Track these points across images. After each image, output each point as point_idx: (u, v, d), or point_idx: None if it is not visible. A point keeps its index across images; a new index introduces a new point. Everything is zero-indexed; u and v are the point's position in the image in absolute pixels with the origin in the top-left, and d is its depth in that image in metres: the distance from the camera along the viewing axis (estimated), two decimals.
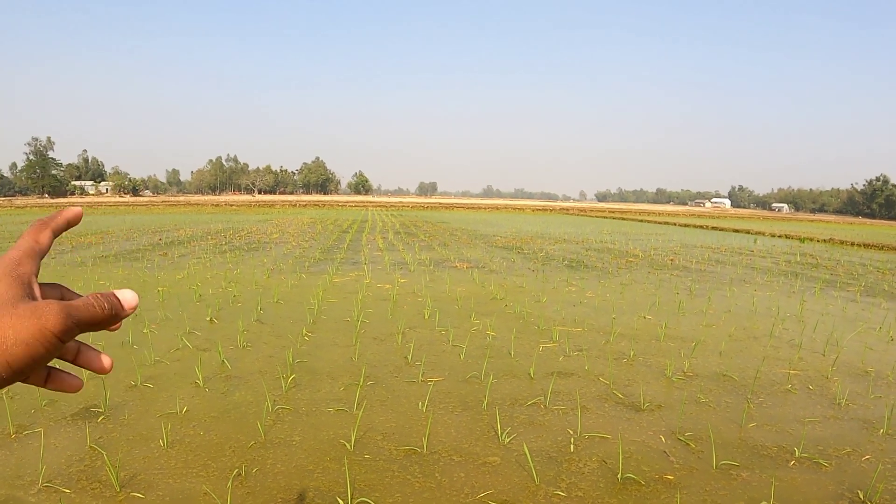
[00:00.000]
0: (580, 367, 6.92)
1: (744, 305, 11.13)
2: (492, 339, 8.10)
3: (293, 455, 4.60)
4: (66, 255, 17.38)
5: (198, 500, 3.94)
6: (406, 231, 31.82)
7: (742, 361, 7.33)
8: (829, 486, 4.28)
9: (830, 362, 7.34)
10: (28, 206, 74.35)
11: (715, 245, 26.97)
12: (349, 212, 66.39)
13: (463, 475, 4.34)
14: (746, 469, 4.52)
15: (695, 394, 6.14)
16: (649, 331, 8.85)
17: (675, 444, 4.92)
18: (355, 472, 4.33)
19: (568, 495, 4.08)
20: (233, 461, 4.49)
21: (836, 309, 11.06)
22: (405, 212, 69.75)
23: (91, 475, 4.24)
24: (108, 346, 7.39)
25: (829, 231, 46.53)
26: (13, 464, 4.36)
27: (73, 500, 3.90)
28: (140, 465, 4.41)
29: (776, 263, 19.21)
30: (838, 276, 16.50)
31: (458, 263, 16.94)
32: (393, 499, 4.01)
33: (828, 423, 5.48)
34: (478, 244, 24.15)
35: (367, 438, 4.91)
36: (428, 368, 6.76)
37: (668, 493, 4.14)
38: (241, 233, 28.09)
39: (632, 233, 35.85)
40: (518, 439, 4.94)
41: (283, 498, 3.98)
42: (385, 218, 49.62)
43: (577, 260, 18.64)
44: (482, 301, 10.95)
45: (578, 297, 11.70)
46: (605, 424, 5.31)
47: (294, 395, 5.85)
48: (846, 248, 28.82)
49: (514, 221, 49.51)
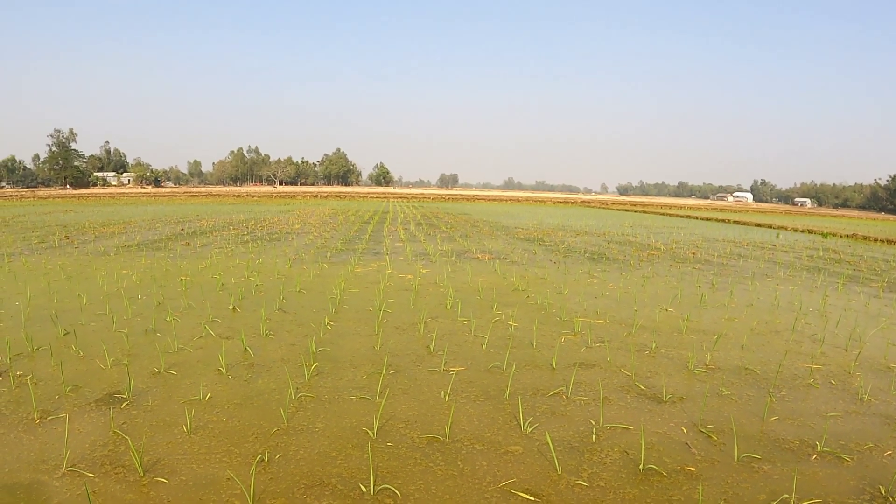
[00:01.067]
0: (602, 359, 6.92)
1: (766, 300, 11.08)
2: (514, 330, 8.11)
3: (316, 442, 4.63)
4: (89, 245, 17.52)
5: (221, 485, 3.97)
6: (427, 222, 31.82)
7: (764, 355, 7.30)
8: (850, 481, 4.27)
9: (853, 357, 7.30)
10: (51, 196, 74.82)
11: (737, 239, 26.81)
12: (370, 203, 66.50)
13: (485, 463, 4.36)
14: (768, 462, 4.51)
15: (717, 387, 6.12)
16: (671, 323, 8.83)
17: (697, 437, 4.91)
18: (378, 460, 4.36)
19: (590, 485, 4.09)
20: (256, 447, 4.52)
21: (858, 304, 10.98)
22: (426, 203, 69.77)
23: (115, 460, 4.29)
24: (131, 333, 7.46)
25: (852, 226, 46.13)
26: (37, 448, 4.41)
27: (97, 484, 3.94)
28: (163, 450, 4.45)
29: (798, 258, 19.09)
30: (861, 271, 16.37)
31: (479, 254, 16.95)
32: (415, 486, 4.03)
33: (850, 418, 5.46)
34: (499, 236, 24.13)
35: (389, 426, 4.94)
36: (450, 358, 6.78)
37: (689, 484, 4.14)
38: (262, 223, 28.20)
39: (653, 226, 35.69)
40: (540, 429, 4.95)
41: (305, 484, 4.01)
42: (406, 209, 49.64)
43: (599, 252, 18.60)
44: (504, 292, 10.96)
45: (600, 289, 11.69)
46: (627, 415, 5.31)
47: (316, 383, 5.89)
48: (869, 243, 28.56)
49: (536, 213, 49.38)
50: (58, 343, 7.03)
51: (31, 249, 16.07)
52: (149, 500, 3.78)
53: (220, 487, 3.94)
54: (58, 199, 66.46)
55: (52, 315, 8.38)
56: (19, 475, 4.03)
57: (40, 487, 3.88)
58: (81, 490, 3.85)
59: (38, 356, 6.54)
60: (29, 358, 6.48)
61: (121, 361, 6.40)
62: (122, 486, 3.92)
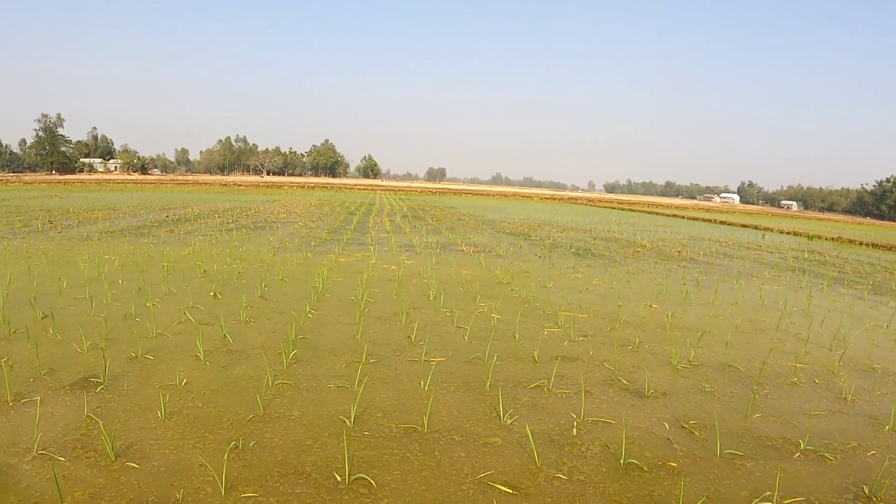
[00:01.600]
0: (585, 353, 6.87)
1: (751, 298, 11.07)
2: (496, 322, 8.05)
3: (292, 429, 4.57)
4: (72, 230, 17.38)
5: (193, 471, 3.91)
6: (414, 215, 31.78)
7: (748, 353, 7.27)
8: (833, 480, 4.24)
9: (837, 357, 7.29)
10: (36, 181, 74.35)
11: (723, 239, 26.91)
12: (357, 195, 66.41)
13: (463, 455, 4.30)
14: (751, 459, 4.48)
15: (700, 383, 6.09)
16: (655, 319, 8.79)
17: (679, 432, 4.87)
18: (354, 449, 4.30)
19: (569, 478, 4.03)
20: (230, 434, 4.46)
21: (843, 305, 11.00)
22: (413, 196, 69.73)
23: (87, 444, 4.22)
24: (110, 318, 7.37)
25: (837, 230, 46.41)
26: (9, 431, 4.33)
27: (68, 467, 3.88)
28: (137, 435, 4.38)
29: (784, 259, 19.14)
30: (846, 273, 16.43)
31: (464, 247, 16.91)
32: (391, 476, 3.97)
33: (833, 417, 5.43)
34: (485, 229, 24.10)
35: (367, 415, 4.88)
36: (431, 348, 6.72)
37: (670, 479, 4.10)
38: (248, 212, 28.08)
39: (640, 224, 35.79)
40: (520, 421, 4.90)
41: (279, 472, 3.95)
42: (393, 202, 49.59)
43: (585, 248, 18.59)
44: (488, 284, 10.90)
45: (585, 284, 11.66)
46: (609, 409, 5.27)
47: (295, 371, 5.82)
48: (854, 247, 28.72)
49: (523, 209, 49.48)
50: (35, 326, 6.92)
51: (13, 233, 15.92)
52: (119, 484, 3.71)
53: (191, 473, 3.87)
54: (43, 184, 66.06)
55: (30, 298, 8.26)
56: None
57: (9, 470, 3.81)
58: (51, 474, 3.77)
59: (14, 339, 6.44)
60: (5, 340, 6.38)
61: (98, 345, 6.30)
62: (92, 471, 3.86)
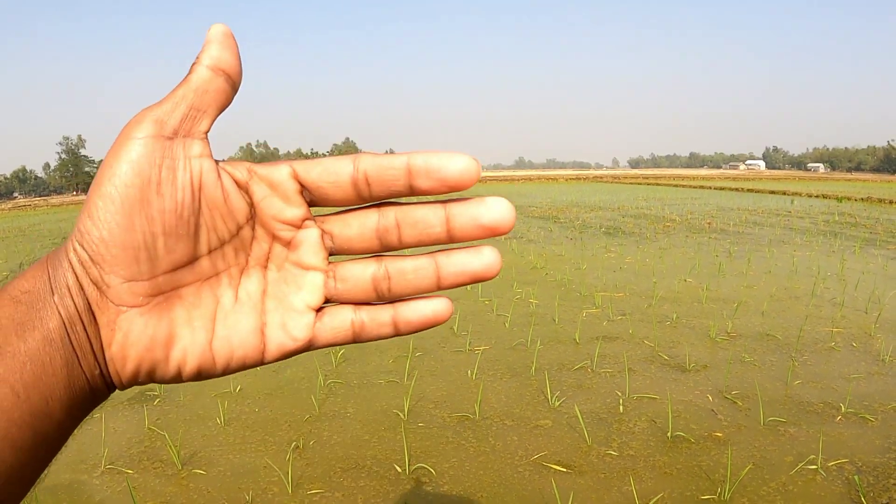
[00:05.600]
0: (624, 331, 6.99)
1: (784, 266, 11.09)
2: (535, 307, 8.18)
3: (348, 426, 4.72)
4: None
5: (259, 473, 4.07)
6: None
7: (784, 321, 7.35)
8: (875, 441, 4.33)
9: (873, 320, 7.33)
10: (64, 203, 74.87)
11: (752, 207, 26.70)
12: None
13: (516, 438, 4.45)
14: (794, 425, 4.58)
15: (739, 353, 6.18)
16: (691, 293, 8.88)
17: (723, 403, 4.99)
18: (410, 440, 4.45)
19: (620, 454, 4.17)
20: (290, 435, 4.62)
21: (876, 267, 10.97)
22: None
23: (152, 455, 4.39)
24: None
25: (866, 190, 45.81)
26: (76, 449, 4.51)
27: (137, 479, 4.05)
28: (199, 443, 4.55)
29: (814, 223, 19.03)
30: (878, 234, 16.31)
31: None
32: (449, 463, 4.12)
33: (872, 379, 5.50)
34: None
35: (419, 407, 5.03)
36: (474, 338, 6.86)
37: (717, 449, 4.22)
38: None
39: (667, 198, 35.56)
40: (568, 402, 5.03)
41: (341, 467, 4.11)
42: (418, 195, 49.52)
43: (614, 227, 18.59)
44: (523, 270, 11.01)
45: (618, 262, 11.73)
46: (653, 385, 5.39)
47: (344, 370, 5.98)
48: (885, 206, 28.38)
49: (548, 192, 49.25)
50: None
51: None
52: (189, 491, 3.89)
53: (258, 475, 4.04)
54: (71, 205, 66.47)
55: None
56: (59, 477, 4.12)
57: (81, 486, 3.98)
58: (122, 486, 3.95)
59: None
60: None
61: None
62: (161, 480, 4.03)
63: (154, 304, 0.47)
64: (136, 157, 0.44)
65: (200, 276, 0.50)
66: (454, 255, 0.50)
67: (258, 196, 0.50)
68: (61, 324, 0.45)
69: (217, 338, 0.50)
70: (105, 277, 0.45)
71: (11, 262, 15.14)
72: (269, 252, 0.52)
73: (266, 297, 0.52)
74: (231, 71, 0.49)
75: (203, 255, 0.49)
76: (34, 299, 0.45)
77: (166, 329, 0.48)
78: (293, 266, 0.52)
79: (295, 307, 0.51)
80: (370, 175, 0.48)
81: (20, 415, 0.42)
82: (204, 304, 0.50)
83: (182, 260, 0.48)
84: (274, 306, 0.52)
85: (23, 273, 0.47)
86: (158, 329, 0.47)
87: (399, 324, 0.52)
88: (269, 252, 0.52)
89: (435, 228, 0.49)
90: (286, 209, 0.50)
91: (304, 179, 0.49)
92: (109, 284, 0.45)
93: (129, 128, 0.46)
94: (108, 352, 0.47)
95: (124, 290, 0.46)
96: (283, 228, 0.51)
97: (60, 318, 0.45)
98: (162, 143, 0.45)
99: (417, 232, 0.50)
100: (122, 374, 0.48)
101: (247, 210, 0.50)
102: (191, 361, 0.49)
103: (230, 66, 0.49)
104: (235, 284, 0.51)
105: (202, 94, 0.47)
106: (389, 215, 0.51)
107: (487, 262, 0.49)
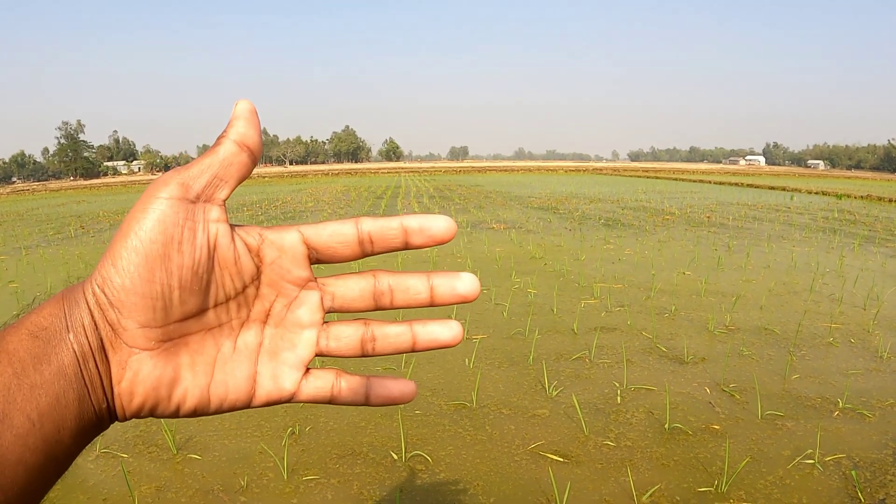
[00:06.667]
0: (622, 322, 6.99)
1: (783, 261, 11.09)
2: (533, 297, 8.17)
3: (345, 413, 4.71)
4: (105, 233, 17.69)
5: (254, 458, 4.07)
6: (440, 195, 31.77)
7: (783, 315, 7.35)
8: (872, 436, 4.33)
9: (871, 316, 7.33)
10: (62, 188, 74.84)
11: (751, 202, 26.72)
12: (382, 178, 66.41)
13: (513, 427, 4.44)
14: (791, 419, 4.58)
15: (737, 347, 6.18)
16: (689, 286, 8.88)
17: (720, 396, 4.99)
18: (407, 428, 4.45)
19: (617, 445, 4.17)
20: (286, 421, 4.61)
21: (875, 264, 10.97)
22: (438, 176, 69.53)
23: (147, 440, 4.39)
24: None
25: (866, 187, 45.83)
26: None
27: (132, 463, 4.05)
28: (195, 428, 4.54)
29: (814, 220, 19.03)
30: (877, 231, 16.31)
31: (494, 224, 16.96)
32: (445, 451, 4.12)
33: (870, 375, 5.50)
34: (513, 206, 24.10)
35: (416, 395, 5.01)
36: (472, 326, 6.86)
37: (715, 441, 4.22)
38: (276, 203, 28.21)
39: (666, 191, 35.57)
40: (565, 392, 5.03)
41: (337, 454, 4.11)
42: (418, 183, 49.54)
43: (614, 218, 18.60)
44: (521, 260, 11.01)
45: (617, 254, 11.74)
46: (651, 377, 5.39)
47: (342, 357, 5.96)
48: (884, 204, 28.37)
49: (548, 183, 49.26)
50: None
51: (47, 241, 16.08)
52: (184, 475, 3.88)
53: (253, 461, 4.04)
54: (70, 190, 66.56)
55: None
56: None
57: (75, 470, 3.97)
58: (117, 470, 3.94)
59: None
60: None
61: None
62: (156, 465, 4.03)
63: (163, 348, 0.53)
64: (161, 217, 0.50)
65: (206, 326, 0.55)
66: (428, 325, 0.59)
67: (269, 258, 0.57)
68: (75, 360, 0.49)
69: (215, 382, 0.56)
70: (122, 321, 0.50)
71: (9, 246, 15.21)
72: (269, 310, 0.58)
73: (262, 350, 0.58)
74: (254, 147, 0.55)
75: (210, 308, 0.55)
76: (50, 335, 0.49)
77: (172, 371, 0.53)
78: (292, 324, 0.59)
79: (287, 362, 0.58)
80: (374, 235, 0.58)
81: (34, 441, 0.46)
82: (206, 350, 0.56)
83: (192, 311, 0.53)
84: (268, 359, 0.58)
85: (39, 308, 0.51)
86: (165, 371, 0.53)
87: (370, 397, 0.60)
88: (270, 310, 0.58)
89: (421, 295, 0.59)
90: (293, 270, 0.58)
91: (314, 243, 0.57)
92: (126, 328, 0.50)
93: (157, 187, 0.51)
94: (118, 388, 0.52)
95: (139, 334, 0.51)
96: (289, 288, 0.58)
97: (74, 354, 0.49)
98: (186, 205, 0.51)
99: (407, 297, 0.59)
100: (128, 408, 0.53)
101: (253, 271, 0.56)
102: (189, 401, 0.55)
103: (253, 143, 0.55)
104: (235, 335, 0.57)
105: (227, 167, 0.54)
106: (384, 281, 0.59)
107: (454, 334, 0.58)
